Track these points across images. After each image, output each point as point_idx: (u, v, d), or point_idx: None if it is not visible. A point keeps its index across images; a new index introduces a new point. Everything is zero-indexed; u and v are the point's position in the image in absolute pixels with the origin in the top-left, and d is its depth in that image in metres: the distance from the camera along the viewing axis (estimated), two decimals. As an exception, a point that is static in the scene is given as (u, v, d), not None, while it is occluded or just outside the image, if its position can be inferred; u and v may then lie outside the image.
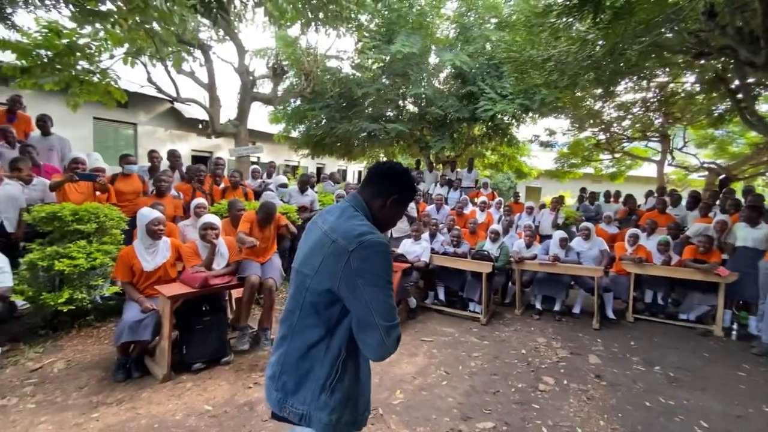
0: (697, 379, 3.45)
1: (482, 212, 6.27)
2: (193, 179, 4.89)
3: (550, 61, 5.06)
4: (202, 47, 6.96)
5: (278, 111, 10.02)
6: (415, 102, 9.21)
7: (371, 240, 1.09)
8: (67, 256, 3.34)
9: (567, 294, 4.96)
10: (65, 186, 3.99)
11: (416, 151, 10.15)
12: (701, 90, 7.18)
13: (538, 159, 12.26)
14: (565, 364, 3.65)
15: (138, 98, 9.44)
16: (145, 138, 10.95)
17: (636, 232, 4.99)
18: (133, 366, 2.98)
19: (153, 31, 4.91)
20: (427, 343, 4.00)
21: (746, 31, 4.31)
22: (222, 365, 3.18)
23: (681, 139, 10.07)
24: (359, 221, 1.17)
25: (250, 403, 2.72)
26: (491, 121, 7.74)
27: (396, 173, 1.28)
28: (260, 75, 8.25)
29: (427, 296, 5.21)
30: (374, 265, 1.08)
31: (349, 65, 8.84)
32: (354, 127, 8.30)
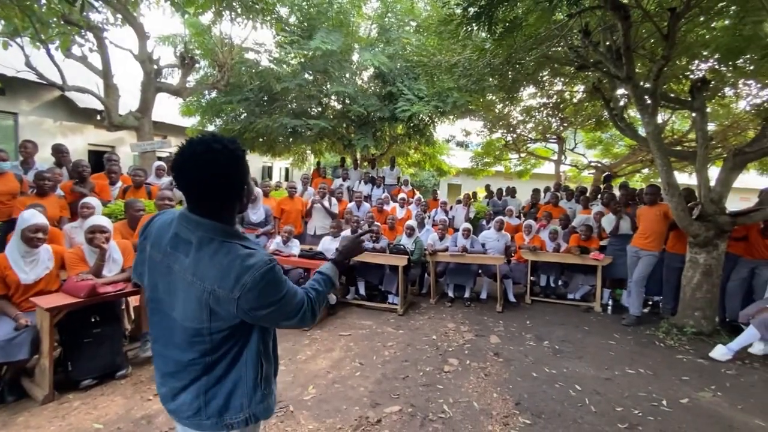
0: (577, 349, 4.01)
1: (402, 209, 6.54)
2: (75, 178, 4.40)
3: (457, 66, 5.44)
4: (93, 30, 6.23)
5: (191, 103, 9.36)
6: (338, 99, 9.23)
7: (254, 278, 0.98)
8: None
9: (475, 282, 5.41)
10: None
11: (341, 148, 10.19)
12: (586, 98, 8.24)
13: (456, 158, 13.07)
14: (469, 345, 4.00)
15: (19, 84, 8.13)
16: (29, 129, 9.45)
17: (530, 223, 5.62)
18: (6, 389, 2.64)
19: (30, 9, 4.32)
20: (345, 338, 4.09)
21: (614, 49, 5.08)
22: (117, 379, 2.94)
23: (573, 140, 11.45)
24: (226, 252, 1.00)
25: (148, 416, 2.57)
26: (410, 121, 8.07)
27: (239, 161, 1.05)
28: (167, 64, 7.61)
29: (348, 292, 5.31)
30: (267, 297, 1.01)
31: (268, 59, 8.56)
32: (275, 123, 8.07)
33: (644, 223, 4.75)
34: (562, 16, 4.74)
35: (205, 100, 9.47)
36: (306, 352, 3.70)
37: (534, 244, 5.38)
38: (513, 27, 4.20)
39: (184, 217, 1.05)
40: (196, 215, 1.03)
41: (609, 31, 4.98)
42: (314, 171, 9.91)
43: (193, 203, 1.04)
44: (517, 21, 4.27)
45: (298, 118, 8.29)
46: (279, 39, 8.14)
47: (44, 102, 9.97)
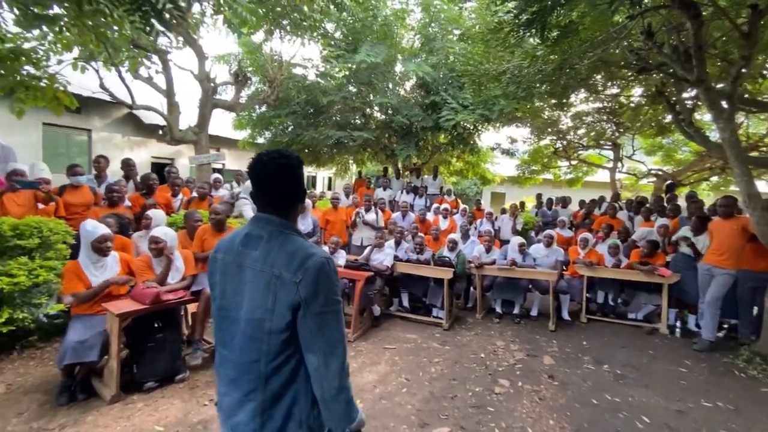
0: (642, 375, 3.68)
1: (445, 219, 6.42)
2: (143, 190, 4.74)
3: (505, 74, 5.29)
4: (159, 53, 6.76)
5: (243, 117, 9.86)
6: (381, 110, 9.32)
7: (313, 264, 1.04)
8: (7, 274, 3.15)
9: (525, 297, 5.15)
10: (4, 198, 3.76)
11: (384, 158, 10.25)
12: (646, 102, 7.70)
13: (501, 165, 12.69)
14: (521, 366, 3.79)
15: (93, 104, 9.01)
16: (101, 144, 10.43)
17: (587, 237, 5.27)
18: (78, 388, 2.84)
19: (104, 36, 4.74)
20: (390, 351, 4.04)
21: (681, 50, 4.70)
22: (176, 383, 3.08)
23: (631, 147, 10.73)
24: (292, 243, 1.10)
25: (204, 421, 2.65)
26: (454, 129, 7.95)
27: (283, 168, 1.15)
28: (222, 81, 8.09)
29: (392, 303, 5.27)
30: (325, 291, 1.05)
31: (315, 73, 8.84)
32: (320, 135, 8.29)
33: (719, 238, 4.30)
34: (621, 18, 4.47)
35: (255, 114, 9.93)
36: (352, 364, 3.68)
37: (591, 259, 5.04)
38: (567, 32, 4.01)
39: (255, 218, 1.18)
40: (267, 214, 1.16)
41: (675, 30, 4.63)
42: (356, 181, 10.03)
43: (267, 205, 1.16)
44: (572, 26, 4.08)
45: (342, 129, 8.46)
46: (325, 54, 8.39)
47: (114, 119, 10.95)
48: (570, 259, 5.31)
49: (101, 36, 4.73)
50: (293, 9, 6.58)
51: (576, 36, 4.30)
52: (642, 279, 4.78)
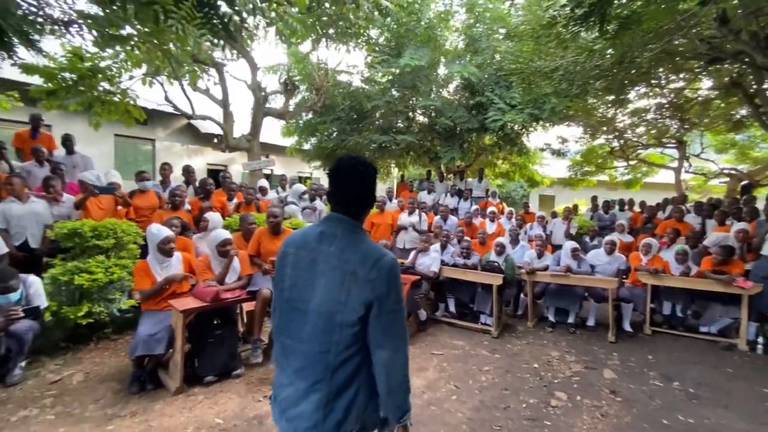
0: (719, 395, 3.33)
1: (492, 223, 6.23)
2: (201, 194, 5.04)
3: (558, 71, 5.05)
4: (216, 66, 7.20)
5: (290, 125, 10.22)
6: (424, 113, 9.28)
7: (386, 263, 1.13)
8: (87, 271, 3.47)
9: (581, 306, 4.86)
10: (87, 203, 4.16)
11: (426, 161, 10.18)
12: (717, 95, 7.03)
13: (550, 167, 12.14)
14: (578, 378, 3.57)
15: (156, 115, 9.79)
16: (163, 153, 11.30)
17: (650, 242, 4.88)
18: (147, 378, 3.05)
19: (169, 52, 5.13)
20: (438, 357, 3.97)
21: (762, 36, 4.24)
22: (233, 378, 3.22)
23: (699, 144, 9.83)
24: (365, 243, 1.19)
25: (259, 417, 2.74)
26: (501, 130, 7.73)
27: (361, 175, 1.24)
28: (272, 91, 8.46)
29: (438, 308, 5.18)
30: (396, 290, 1.13)
31: (359, 79, 8.99)
32: (364, 139, 8.40)
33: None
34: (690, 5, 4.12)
35: (302, 121, 10.27)
36: (399, 369, 3.65)
37: (655, 266, 4.66)
38: (629, 23, 3.75)
39: (330, 216, 1.25)
40: (339, 214, 1.23)
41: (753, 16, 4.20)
42: (399, 184, 10.05)
43: (341, 206, 1.23)
44: (634, 16, 3.81)
45: (385, 133, 8.51)
46: (369, 59, 8.50)
47: (174, 129, 11.82)
48: (631, 266, 4.94)
49: (166, 52, 5.13)
50: (339, 17, 6.74)
51: (638, 27, 4.01)
52: (716, 289, 4.34)
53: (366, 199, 1.24)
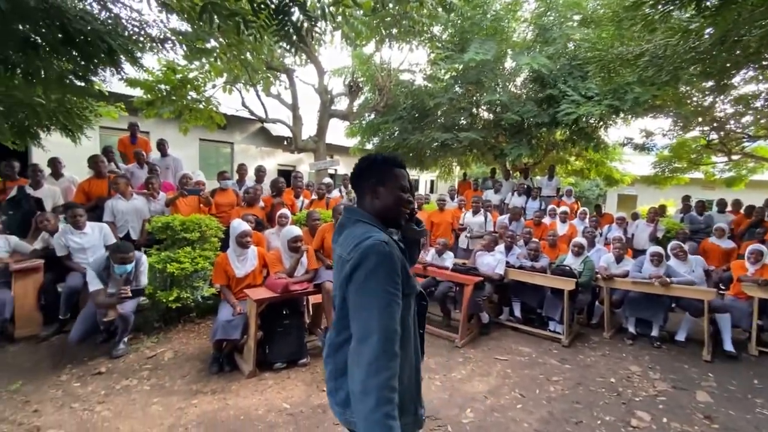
0: None
1: (563, 223, 5.82)
2: (273, 192, 5.39)
3: (643, 56, 4.55)
4: (287, 72, 7.63)
5: (354, 125, 10.50)
6: (489, 109, 8.95)
7: (364, 245, 1.08)
8: (176, 261, 3.89)
9: (666, 317, 4.34)
10: (177, 200, 4.66)
11: (491, 159, 9.81)
12: None
13: (632, 164, 11.01)
14: (664, 398, 3.20)
15: (234, 120, 10.65)
16: (240, 155, 12.26)
17: (759, 248, 4.20)
18: (225, 361, 3.33)
19: (246, 61, 5.54)
20: (501, 362, 3.81)
21: None
22: (299, 367, 3.39)
23: (826, 134, 8.25)
24: (359, 228, 1.18)
25: (323, 406, 2.85)
26: (574, 124, 7.17)
27: (359, 168, 1.29)
28: (337, 93, 8.75)
29: (502, 312, 4.97)
30: (366, 270, 1.06)
31: (422, 77, 8.93)
32: (426, 138, 8.34)
33: None
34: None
35: (365, 121, 10.50)
36: (461, 371, 3.57)
37: (765, 277, 4.01)
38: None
39: (346, 209, 1.30)
40: (354, 206, 1.31)
41: None
42: (461, 183, 9.81)
43: (358, 198, 1.31)
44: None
45: (448, 131, 8.36)
46: (432, 57, 8.41)
47: (249, 133, 12.75)
48: (733, 276, 4.30)
49: (244, 62, 5.55)
50: (403, 16, 6.76)
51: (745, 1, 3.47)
52: None
53: (368, 190, 1.26)
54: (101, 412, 2.70)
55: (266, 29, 2.60)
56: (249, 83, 7.51)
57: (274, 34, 2.59)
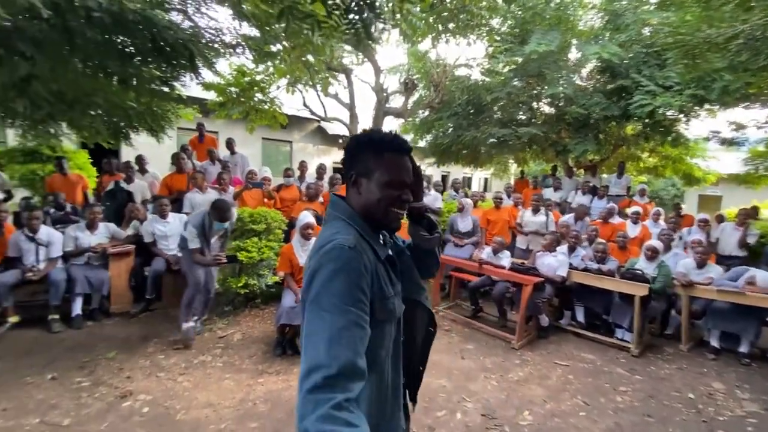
0: None
1: (635, 225, 5.38)
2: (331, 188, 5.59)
3: (737, 38, 4.06)
4: (346, 71, 7.84)
5: (408, 123, 10.51)
6: (551, 103, 8.50)
7: (323, 249, 0.86)
8: (245, 250, 4.19)
9: (759, 332, 3.86)
10: (243, 194, 5.02)
11: (552, 155, 9.32)
12: None
13: (717, 161, 9.85)
14: (755, 421, 2.86)
15: (293, 120, 11.15)
16: (298, 153, 12.84)
17: None
18: (287, 345, 3.54)
19: (308, 62, 5.79)
20: (561, 367, 3.64)
21: None
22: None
23: None
24: (331, 228, 0.95)
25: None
26: (649, 117, 6.58)
27: (346, 149, 1.02)
28: (393, 91, 8.82)
29: (563, 316, 4.73)
30: (320, 281, 0.82)
31: (479, 71, 8.71)
32: (482, 134, 8.12)
33: None
34: None
35: (418, 118, 10.47)
36: (517, 372, 3.47)
37: None
38: None
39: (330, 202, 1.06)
40: (339, 197, 1.04)
41: None
42: (517, 181, 9.44)
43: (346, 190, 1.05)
44: None
45: (505, 127, 8.08)
46: (491, 50, 8.17)
47: (308, 132, 13.28)
48: None
49: (306, 63, 5.80)
50: (460, 10, 6.65)
51: None
52: None
53: (349, 177, 1.01)
54: (182, 382, 3.00)
55: (337, 29, 2.71)
56: (309, 84, 7.83)
57: (344, 34, 2.69)
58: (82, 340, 3.66)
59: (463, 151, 9.48)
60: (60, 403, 2.69)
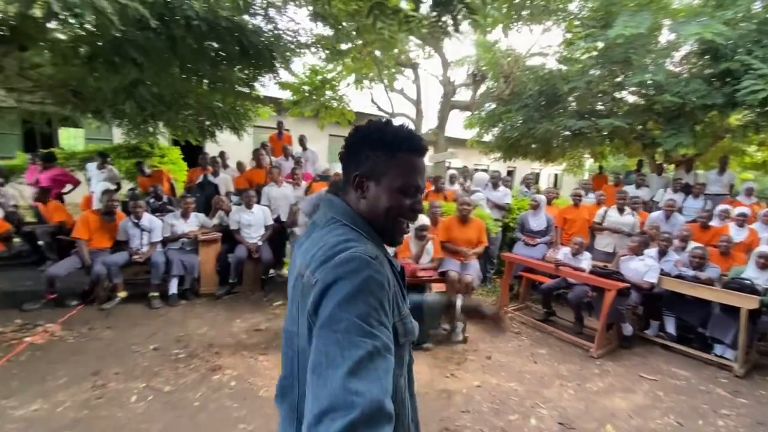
0: None
1: (741, 228, 4.71)
2: None
3: None
4: (413, 66, 7.82)
5: (473, 116, 10.22)
6: (637, 91, 7.72)
7: (338, 259, 0.70)
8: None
9: None
10: (312, 187, 5.25)
11: (637, 149, 8.49)
12: None
13: None
14: None
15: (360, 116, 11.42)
16: (364, 149, 13.10)
17: None
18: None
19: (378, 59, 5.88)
20: (648, 382, 3.33)
21: None
22: (422, 350, 3.51)
23: None
24: (334, 233, 0.79)
25: (447, 391, 2.91)
26: (762, 105, 5.69)
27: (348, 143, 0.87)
28: (459, 83, 8.62)
29: (648, 326, 4.31)
30: (337, 300, 0.66)
31: (555, 60, 8.17)
32: (557, 126, 7.62)
33: None
34: None
35: (484, 112, 10.11)
36: (597, 383, 3.23)
37: None
38: None
39: (323, 200, 0.91)
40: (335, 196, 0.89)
41: None
42: (595, 177, 8.73)
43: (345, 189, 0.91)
44: None
45: (583, 118, 7.50)
46: (570, 36, 7.63)
47: (373, 127, 13.48)
48: None
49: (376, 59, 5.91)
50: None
51: None
52: None
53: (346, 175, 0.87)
54: (263, 361, 3.23)
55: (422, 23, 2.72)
56: (377, 80, 7.93)
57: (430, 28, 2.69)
58: (176, 316, 4.10)
59: (533, 144, 9.01)
60: (161, 371, 3.04)
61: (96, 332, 3.62)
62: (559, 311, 4.60)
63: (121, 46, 3.51)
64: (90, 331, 3.62)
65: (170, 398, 2.70)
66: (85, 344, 3.39)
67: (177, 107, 5.33)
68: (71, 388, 2.74)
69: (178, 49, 3.75)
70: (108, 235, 4.34)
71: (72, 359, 3.13)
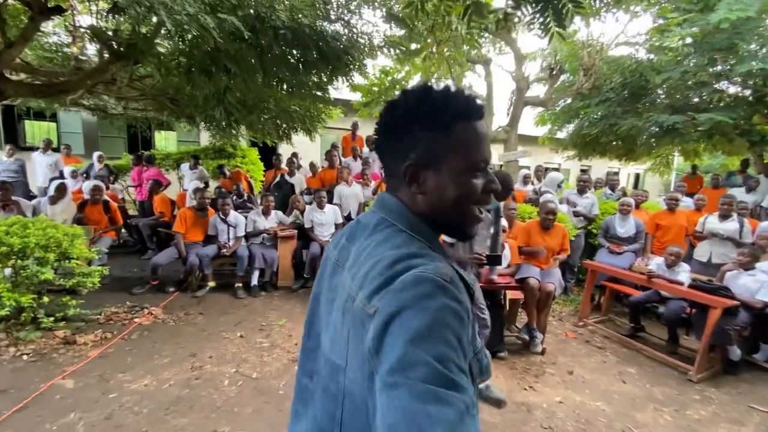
0: None
1: None
2: None
3: None
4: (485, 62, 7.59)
5: (546, 113, 9.67)
6: (743, 81, 6.76)
7: (404, 281, 0.54)
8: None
9: None
10: (380, 186, 5.33)
11: (740, 146, 7.45)
12: None
13: None
14: None
15: (423, 114, 11.35)
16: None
17: None
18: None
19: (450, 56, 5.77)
20: (761, 414, 2.92)
21: None
22: (498, 358, 3.41)
23: None
24: (390, 246, 0.62)
25: (526, 404, 2.79)
26: None
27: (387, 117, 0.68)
28: (534, 78, 8.20)
29: (758, 349, 3.77)
30: (407, 332, 0.50)
31: (645, 49, 7.43)
32: (645, 121, 6.94)
33: None
34: None
35: (557, 107, 9.52)
36: (698, 411, 2.90)
37: None
38: None
39: (376, 199, 0.75)
40: (388, 194, 0.72)
41: None
42: (687, 178, 7.82)
43: (390, 178, 0.74)
44: None
45: (677, 112, 6.74)
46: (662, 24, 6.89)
47: (436, 125, 13.33)
48: None
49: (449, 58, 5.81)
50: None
51: None
52: None
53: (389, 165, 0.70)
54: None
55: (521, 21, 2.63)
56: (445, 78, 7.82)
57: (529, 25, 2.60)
58: (258, 307, 4.40)
59: (614, 141, 8.31)
60: (248, 358, 3.29)
61: (191, 317, 4.01)
62: (649, 327, 4.20)
63: (216, 57, 3.83)
64: (186, 316, 4.03)
65: (257, 384, 2.90)
66: (183, 327, 3.77)
67: (258, 111, 5.70)
68: (174, 368, 3.06)
69: (264, 58, 4.00)
70: (200, 229, 4.79)
71: (172, 340, 3.50)
